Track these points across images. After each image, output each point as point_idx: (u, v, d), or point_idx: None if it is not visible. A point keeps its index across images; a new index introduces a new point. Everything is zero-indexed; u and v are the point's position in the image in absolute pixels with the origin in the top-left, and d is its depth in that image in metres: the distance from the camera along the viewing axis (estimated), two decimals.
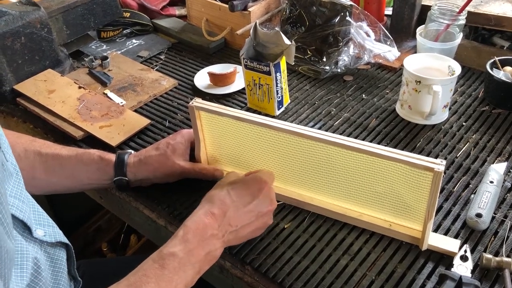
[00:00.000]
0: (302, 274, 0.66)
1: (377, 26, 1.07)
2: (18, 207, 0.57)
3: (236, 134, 0.75)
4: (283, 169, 0.74)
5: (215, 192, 0.67)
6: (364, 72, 1.08)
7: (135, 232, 1.54)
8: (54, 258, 0.64)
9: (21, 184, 0.60)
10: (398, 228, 0.69)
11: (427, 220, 0.64)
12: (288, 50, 0.88)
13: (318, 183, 0.73)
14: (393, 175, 0.65)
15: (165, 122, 0.95)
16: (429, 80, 0.86)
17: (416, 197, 0.65)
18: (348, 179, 0.69)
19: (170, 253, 0.59)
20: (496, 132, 0.89)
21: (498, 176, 0.76)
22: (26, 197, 0.60)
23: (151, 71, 1.10)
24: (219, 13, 1.18)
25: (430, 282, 0.64)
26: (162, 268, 0.58)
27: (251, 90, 0.95)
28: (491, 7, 1.10)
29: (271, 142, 0.72)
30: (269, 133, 0.71)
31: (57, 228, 0.65)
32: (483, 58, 0.99)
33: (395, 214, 0.69)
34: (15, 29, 0.96)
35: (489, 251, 0.67)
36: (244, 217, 0.65)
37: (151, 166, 0.77)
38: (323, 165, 0.70)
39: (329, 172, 0.70)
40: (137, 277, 0.57)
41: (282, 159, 0.73)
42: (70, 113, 0.94)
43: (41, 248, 0.61)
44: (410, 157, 0.62)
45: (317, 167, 0.71)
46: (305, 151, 0.70)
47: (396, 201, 0.68)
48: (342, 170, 0.69)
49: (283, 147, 0.71)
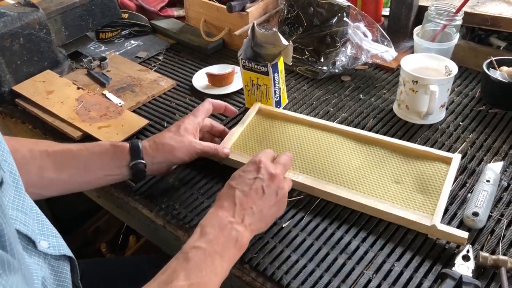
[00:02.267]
0: (300, 272, 0.66)
1: (374, 26, 1.07)
2: (22, 221, 0.55)
3: (276, 134, 0.88)
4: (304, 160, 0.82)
5: (219, 193, 0.67)
6: (362, 72, 1.09)
7: (134, 232, 1.54)
8: (59, 271, 0.62)
9: (22, 192, 0.58)
10: (409, 216, 0.71)
11: (439, 208, 0.71)
12: (286, 51, 0.88)
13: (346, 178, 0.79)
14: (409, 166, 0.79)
15: (163, 122, 0.96)
16: (426, 80, 0.86)
17: (430, 187, 0.75)
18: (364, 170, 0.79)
19: (192, 247, 0.59)
20: (492, 132, 0.89)
21: (494, 175, 0.77)
22: (29, 206, 0.58)
23: (149, 72, 1.10)
24: (217, 14, 1.18)
25: (427, 280, 0.64)
26: (188, 261, 0.57)
27: (249, 90, 0.95)
28: (488, 8, 1.11)
29: (315, 145, 0.85)
30: (316, 135, 0.86)
31: (61, 239, 0.63)
32: (480, 58, 1.00)
33: (408, 204, 0.73)
34: (14, 30, 0.96)
35: (485, 250, 0.68)
36: (255, 197, 0.65)
37: (168, 147, 0.77)
38: (357, 164, 0.81)
39: (360, 170, 0.80)
40: (166, 274, 0.56)
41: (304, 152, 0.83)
42: (68, 113, 0.94)
43: (45, 261, 0.59)
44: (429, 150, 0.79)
45: (349, 164, 0.81)
46: (337, 148, 0.83)
47: (410, 191, 0.75)
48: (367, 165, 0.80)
49: (315, 145, 0.84)
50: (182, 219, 0.75)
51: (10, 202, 0.54)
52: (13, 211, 0.54)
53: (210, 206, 0.77)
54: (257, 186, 0.65)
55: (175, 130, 0.79)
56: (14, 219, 0.53)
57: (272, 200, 0.66)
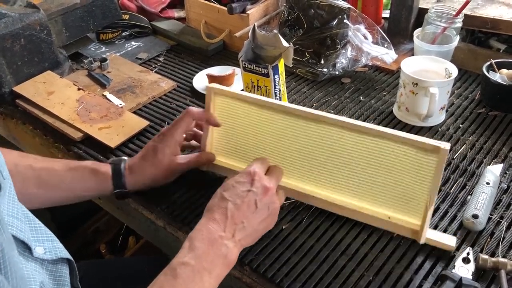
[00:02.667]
0: (300, 274, 0.66)
1: (374, 28, 1.08)
2: (18, 227, 0.54)
3: (247, 124, 0.76)
4: (287, 162, 0.75)
5: (210, 202, 0.66)
6: (362, 75, 1.09)
7: (134, 233, 1.54)
8: (57, 275, 0.62)
9: (15, 198, 0.57)
10: (396, 221, 0.70)
11: (428, 207, 0.65)
12: (286, 53, 0.88)
13: (320, 176, 0.74)
14: (395, 161, 0.67)
15: (164, 123, 0.96)
16: (426, 83, 0.87)
17: (417, 183, 0.66)
18: (350, 170, 0.71)
19: (180, 263, 0.58)
20: (492, 134, 0.90)
21: (494, 178, 0.77)
22: (22, 212, 0.58)
23: (150, 73, 1.10)
24: (217, 15, 1.19)
25: (427, 282, 0.64)
26: (175, 278, 0.56)
27: (249, 92, 0.95)
28: (488, 10, 1.11)
29: (281, 131, 0.74)
30: (281, 121, 0.73)
31: (57, 242, 0.63)
32: (480, 61, 1.00)
33: (394, 207, 0.70)
34: (15, 31, 0.96)
35: (485, 252, 0.68)
36: (247, 211, 0.63)
37: (149, 175, 0.76)
38: (327, 156, 0.72)
39: (332, 164, 0.72)
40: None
41: (288, 151, 0.74)
42: (69, 114, 0.95)
43: (42, 266, 0.58)
44: (415, 137, 0.64)
45: (322, 158, 0.72)
46: (312, 137, 0.72)
47: (396, 192, 0.69)
48: (345, 160, 0.70)
49: (292, 137, 0.73)
50: (182, 221, 0.75)
51: (5, 209, 0.54)
52: (8, 217, 0.54)
53: None
54: (250, 200, 0.64)
55: (153, 155, 0.76)
56: (10, 225, 0.53)
57: (263, 215, 0.65)
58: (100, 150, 0.89)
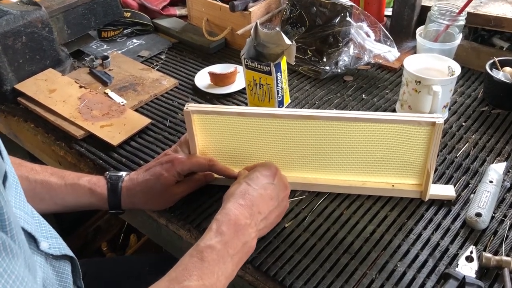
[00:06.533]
0: (303, 273, 0.66)
1: (377, 26, 1.07)
2: (25, 219, 0.55)
3: (233, 132, 0.75)
4: (285, 156, 0.76)
5: (234, 188, 0.67)
6: (364, 73, 1.09)
7: (135, 231, 1.54)
8: (60, 271, 0.62)
9: (22, 194, 0.58)
10: (400, 187, 0.75)
11: (430, 170, 0.71)
12: (288, 50, 0.88)
13: (320, 162, 0.76)
14: (392, 138, 0.71)
15: (165, 121, 0.96)
16: (429, 81, 0.86)
17: (416, 153, 0.72)
18: (350, 152, 0.74)
19: (207, 245, 0.58)
20: (495, 132, 0.89)
21: (497, 176, 0.77)
22: (29, 207, 0.58)
23: (151, 71, 1.10)
24: (219, 13, 1.18)
25: (430, 281, 0.64)
26: (202, 260, 0.57)
27: (251, 90, 0.95)
28: (491, 8, 1.10)
29: (270, 132, 0.74)
30: (268, 123, 0.73)
31: (60, 240, 0.63)
32: (483, 59, 1.00)
33: (396, 175, 0.75)
34: (16, 28, 0.96)
35: (488, 250, 0.68)
36: (269, 202, 0.66)
37: (146, 206, 0.76)
38: (325, 143, 0.73)
39: (330, 149, 0.74)
40: (178, 272, 0.56)
41: (282, 147, 0.75)
42: (71, 112, 0.94)
43: (46, 261, 0.59)
44: (410, 116, 0.69)
45: (319, 147, 0.74)
46: (305, 133, 0.73)
47: (397, 162, 0.74)
48: (343, 144, 0.73)
49: (283, 134, 0.74)
50: (184, 219, 0.75)
51: (13, 201, 0.54)
52: (16, 209, 0.54)
53: (212, 206, 0.76)
54: (272, 193, 0.67)
55: (155, 181, 0.72)
56: (18, 217, 0.53)
57: (278, 210, 0.69)
58: (102, 148, 0.89)
